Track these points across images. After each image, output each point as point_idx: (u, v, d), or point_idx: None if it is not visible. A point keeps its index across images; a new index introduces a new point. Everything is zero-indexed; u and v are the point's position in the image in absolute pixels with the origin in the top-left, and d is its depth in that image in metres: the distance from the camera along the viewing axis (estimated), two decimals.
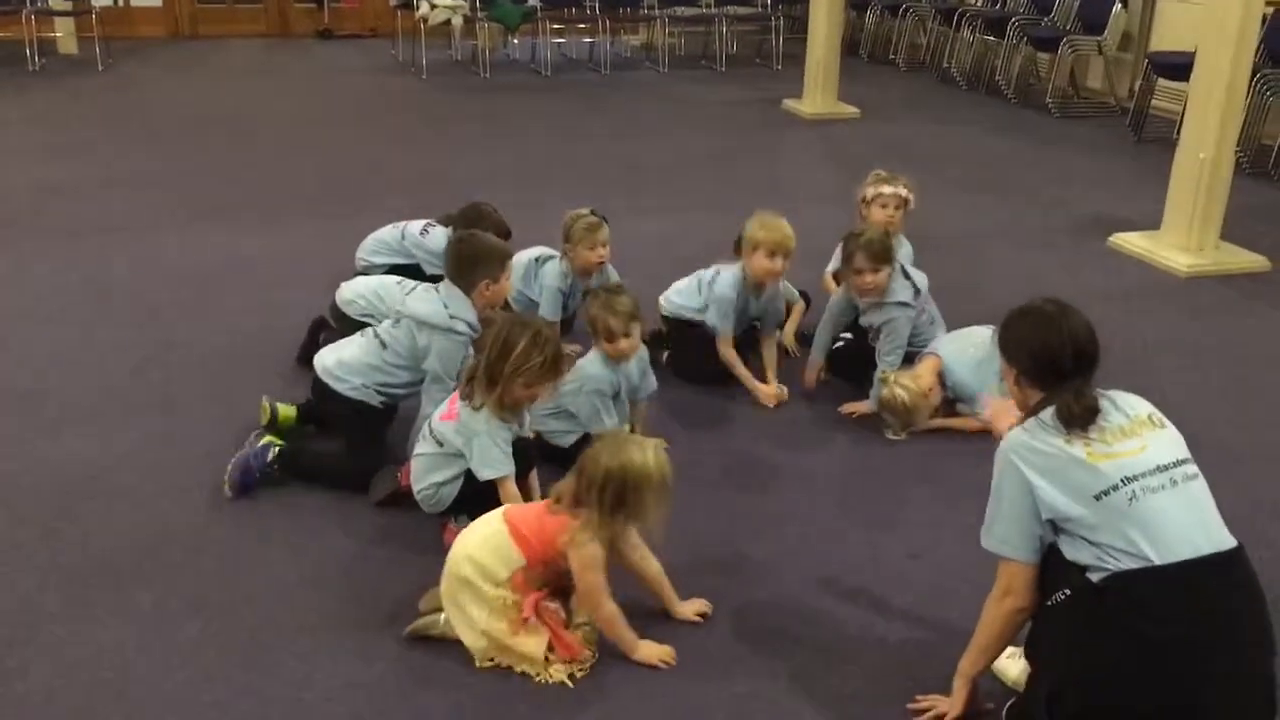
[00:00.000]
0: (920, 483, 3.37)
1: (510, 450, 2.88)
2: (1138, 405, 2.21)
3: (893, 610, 2.76)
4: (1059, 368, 2.18)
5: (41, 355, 4.08)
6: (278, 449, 3.16)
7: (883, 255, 3.68)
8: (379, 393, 3.28)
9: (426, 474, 2.97)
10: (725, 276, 3.88)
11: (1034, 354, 2.23)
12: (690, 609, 2.69)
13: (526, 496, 2.98)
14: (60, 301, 4.58)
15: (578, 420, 3.32)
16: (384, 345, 3.27)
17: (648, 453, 2.46)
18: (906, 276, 3.81)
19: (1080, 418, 2.11)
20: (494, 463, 2.85)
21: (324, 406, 3.35)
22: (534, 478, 3.09)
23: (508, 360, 2.80)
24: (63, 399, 3.75)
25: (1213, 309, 4.82)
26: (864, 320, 3.87)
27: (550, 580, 2.56)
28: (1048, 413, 2.15)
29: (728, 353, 3.89)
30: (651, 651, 2.54)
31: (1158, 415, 2.20)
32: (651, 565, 2.66)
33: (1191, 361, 4.24)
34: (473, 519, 2.76)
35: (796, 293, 4.31)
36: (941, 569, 2.93)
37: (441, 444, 2.94)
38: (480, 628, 2.50)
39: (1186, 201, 5.25)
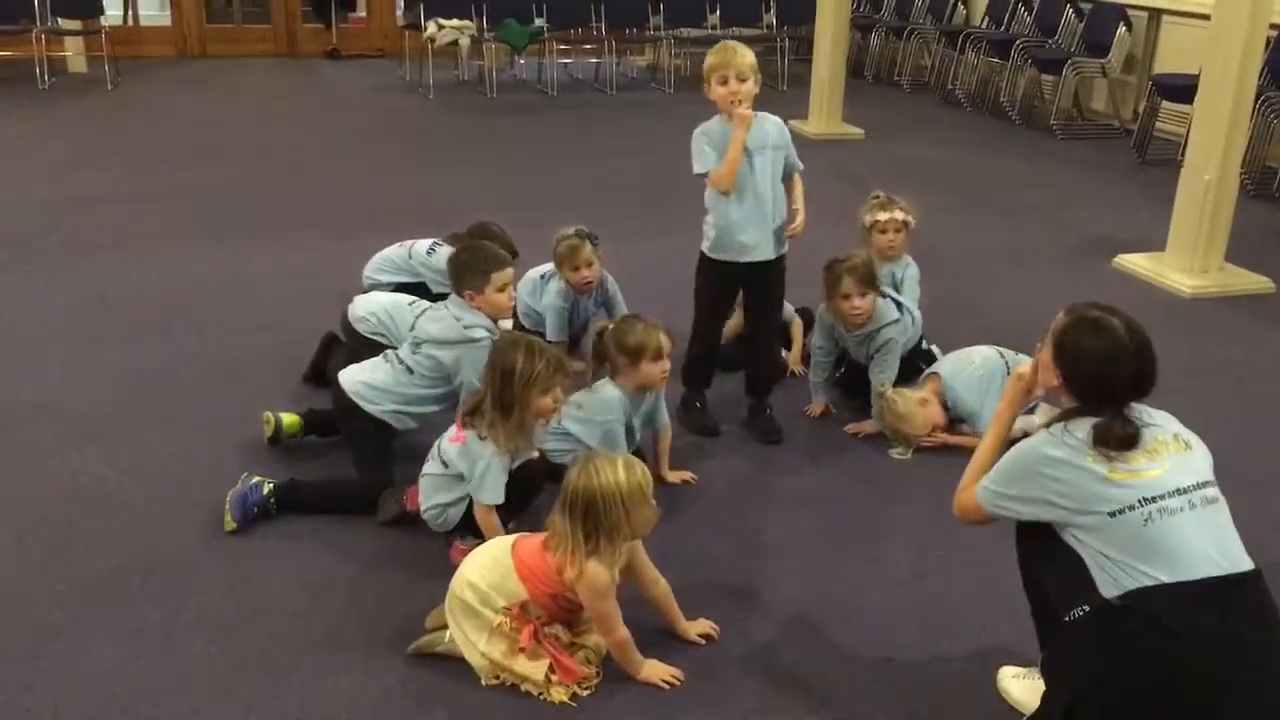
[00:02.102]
0: (924, 502, 3.37)
1: (504, 481, 2.88)
2: (1165, 423, 2.17)
3: (899, 631, 2.76)
4: (1111, 392, 2.14)
5: (50, 371, 4.10)
6: (271, 485, 3.14)
7: (870, 279, 3.70)
8: (408, 415, 3.31)
9: (433, 494, 2.99)
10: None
11: (1089, 370, 2.17)
12: (696, 629, 2.69)
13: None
14: (69, 317, 4.61)
15: (580, 440, 3.32)
16: (410, 371, 3.29)
17: (617, 468, 2.45)
18: (883, 295, 3.84)
19: (1120, 442, 2.08)
20: (490, 490, 2.87)
21: (345, 422, 3.36)
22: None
23: (514, 380, 2.83)
24: (71, 415, 3.76)
25: (1217, 331, 4.82)
26: (855, 355, 3.90)
27: (557, 614, 2.56)
28: (1083, 427, 2.11)
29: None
30: (656, 671, 2.54)
31: (1184, 435, 2.17)
32: (659, 586, 2.65)
33: (1196, 383, 4.24)
34: (479, 538, 2.77)
35: (792, 309, 4.31)
36: (948, 588, 2.93)
37: (447, 465, 2.96)
38: (481, 649, 2.51)
39: (1191, 223, 5.26)
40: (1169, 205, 5.41)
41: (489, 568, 2.55)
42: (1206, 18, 5.41)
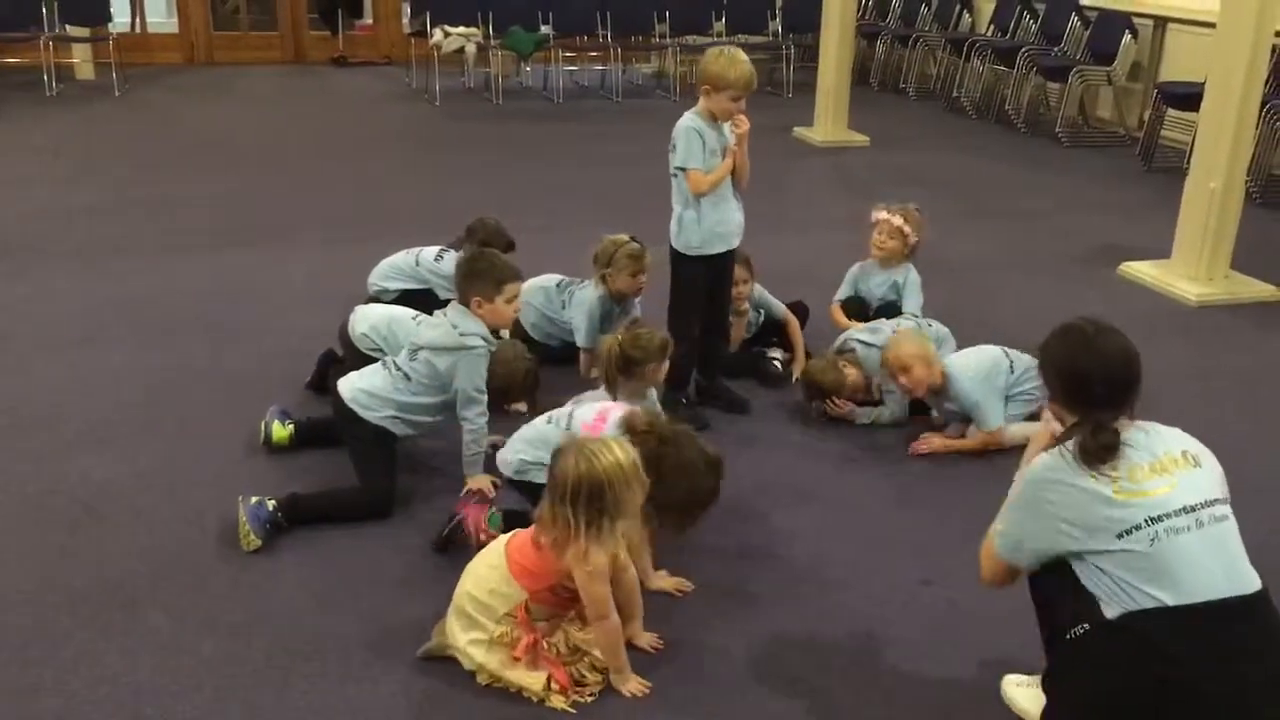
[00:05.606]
0: (928, 507, 3.38)
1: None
2: (1171, 441, 2.14)
3: (906, 638, 2.76)
4: (1088, 393, 2.12)
5: (59, 377, 4.11)
6: (273, 503, 3.12)
7: (829, 388, 3.87)
8: (407, 423, 3.31)
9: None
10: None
11: (1062, 376, 2.18)
12: (668, 583, 2.86)
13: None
14: (77, 324, 4.62)
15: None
16: (407, 378, 3.29)
17: (613, 448, 2.42)
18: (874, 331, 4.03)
19: (1097, 454, 2.05)
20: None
21: (346, 430, 3.36)
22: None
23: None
24: (80, 421, 3.77)
25: (1223, 339, 4.82)
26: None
27: (559, 606, 2.56)
28: (1073, 444, 2.09)
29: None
30: (631, 685, 2.51)
31: (1193, 452, 2.13)
32: (628, 573, 2.60)
33: (1202, 391, 4.24)
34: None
35: (784, 308, 4.32)
36: (954, 594, 2.92)
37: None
38: (479, 660, 2.51)
39: (1196, 231, 5.26)
40: (1175, 213, 5.41)
41: (485, 576, 2.55)
42: (1212, 26, 5.41)
